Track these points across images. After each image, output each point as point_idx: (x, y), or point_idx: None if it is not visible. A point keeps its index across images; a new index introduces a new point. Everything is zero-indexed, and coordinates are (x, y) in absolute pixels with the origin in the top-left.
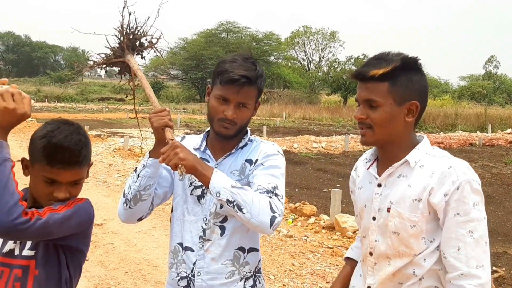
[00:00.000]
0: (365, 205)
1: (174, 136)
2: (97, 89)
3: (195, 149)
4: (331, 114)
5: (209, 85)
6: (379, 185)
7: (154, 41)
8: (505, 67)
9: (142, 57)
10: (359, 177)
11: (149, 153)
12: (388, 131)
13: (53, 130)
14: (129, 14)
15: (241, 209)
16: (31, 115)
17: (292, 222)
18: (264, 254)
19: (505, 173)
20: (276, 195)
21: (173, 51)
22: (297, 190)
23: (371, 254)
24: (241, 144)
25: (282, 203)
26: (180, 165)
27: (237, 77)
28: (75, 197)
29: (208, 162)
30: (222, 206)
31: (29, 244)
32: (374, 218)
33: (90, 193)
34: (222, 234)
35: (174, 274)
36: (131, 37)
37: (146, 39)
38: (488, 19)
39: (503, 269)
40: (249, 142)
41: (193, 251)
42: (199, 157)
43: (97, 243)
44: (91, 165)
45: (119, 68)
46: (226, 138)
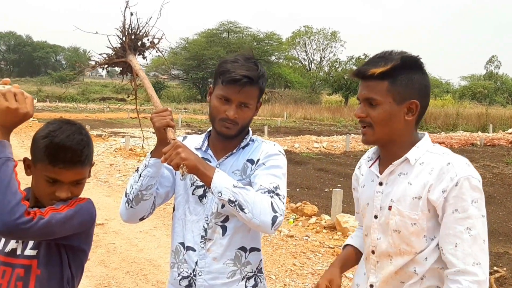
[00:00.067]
0: (368, 204)
1: (176, 136)
2: (98, 89)
3: (196, 149)
4: (332, 114)
5: (211, 85)
6: (381, 184)
7: (156, 41)
8: (507, 67)
9: (144, 57)
10: (363, 175)
11: (151, 153)
12: (388, 130)
13: (55, 129)
14: (131, 14)
15: (242, 209)
16: (33, 115)
17: (293, 222)
18: (265, 254)
19: (507, 173)
20: (277, 195)
21: (174, 51)
22: (298, 190)
23: (373, 252)
24: (242, 144)
25: (283, 203)
26: (182, 165)
27: (239, 77)
28: (77, 196)
29: (210, 162)
30: (223, 206)
31: (31, 243)
32: (376, 217)
33: (91, 192)
34: (223, 233)
35: (175, 274)
36: (133, 37)
37: (148, 39)
38: (489, 18)
39: (504, 269)
40: (250, 142)
41: (194, 250)
42: (200, 157)
43: (99, 242)
44: (93, 164)
45: (120, 68)
46: (227, 138)
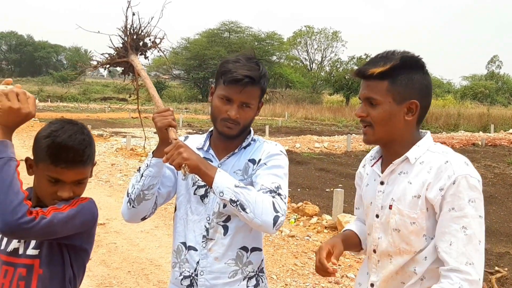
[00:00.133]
0: (371, 203)
1: (177, 136)
2: (100, 88)
3: (198, 148)
4: (333, 114)
5: (212, 85)
6: (382, 183)
7: (157, 41)
8: (508, 67)
9: (146, 57)
10: (368, 174)
11: (152, 153)
12: (388, 129)
13: (57, 129)
14: (133, 14)
15: (244, 209)
16: (35, 115)
17: (294, 222)
18: (266, 253)
19: (508, 173)
20: (279, 194)
21: (176, 51)
22: (299, 190)
23: (374, 251)
24: (244, 144)
25: (285, 202)
26: (183, 165)
27: (240, 77)
28: (79, 196)
29: (211, 161)
30: (225, 206)
31: (33, 243)
32: (377, 216)
33: (93, 192)
34: (225, 233)
35: (177, 273)
36: (134, 37)
37: (150, 39)
38: (490, 18)
39: (506, 269)
40: (252, 142)
41: (196, 250)
42: (202, 156)
43: (100, 242)
44: (94, 164)
45: (122, 68)
46: (229, 138)
